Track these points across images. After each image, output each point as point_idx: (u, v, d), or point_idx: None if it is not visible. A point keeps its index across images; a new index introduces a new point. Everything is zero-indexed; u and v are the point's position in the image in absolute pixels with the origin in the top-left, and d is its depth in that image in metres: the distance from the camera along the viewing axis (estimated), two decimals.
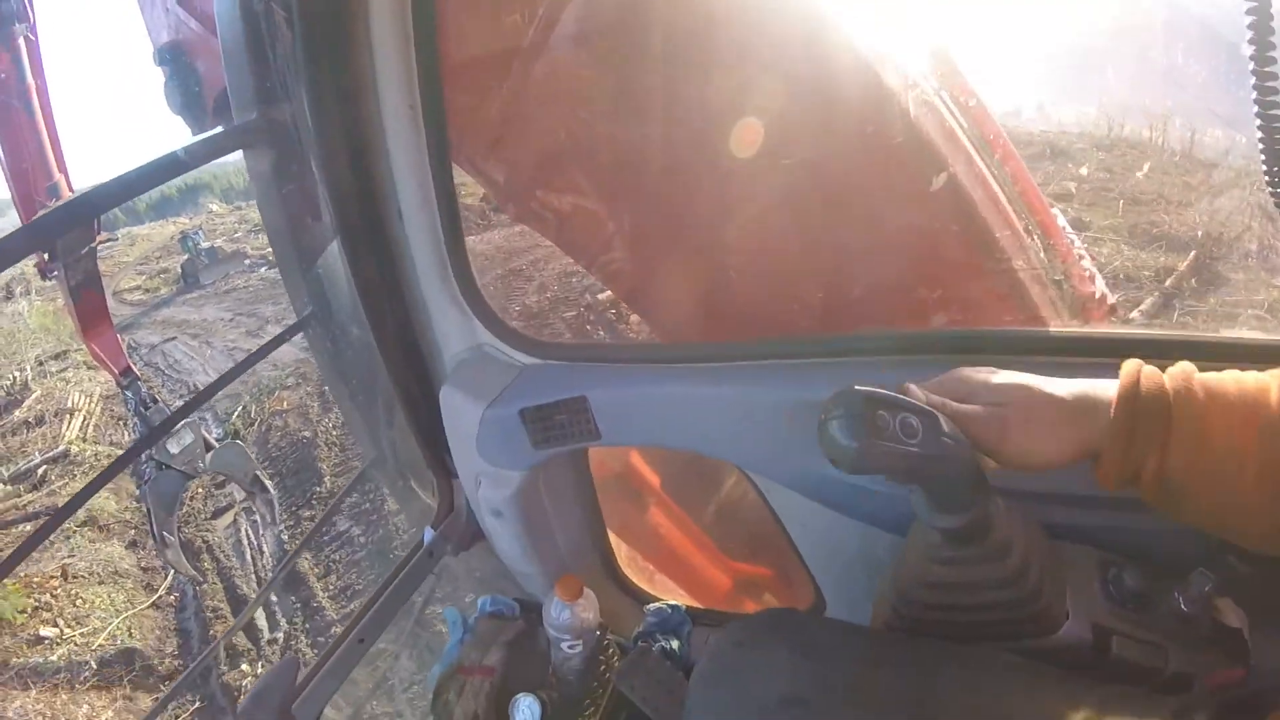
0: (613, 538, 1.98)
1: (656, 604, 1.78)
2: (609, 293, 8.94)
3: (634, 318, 8.40)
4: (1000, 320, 1.74)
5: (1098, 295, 1.79)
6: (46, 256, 3.86)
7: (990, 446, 0.84)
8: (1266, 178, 0.94)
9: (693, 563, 2.22)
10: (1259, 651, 0.96)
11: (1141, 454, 0.80)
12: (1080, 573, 1.05)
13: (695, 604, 1.86)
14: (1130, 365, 0.84)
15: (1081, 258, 1.82)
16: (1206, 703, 0.88)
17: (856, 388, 0.81)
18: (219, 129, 1.62)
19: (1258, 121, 0.92)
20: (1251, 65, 0.91)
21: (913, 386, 0.88)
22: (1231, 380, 0.82)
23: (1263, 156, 0.94)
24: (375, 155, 1.51)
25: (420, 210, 1.54)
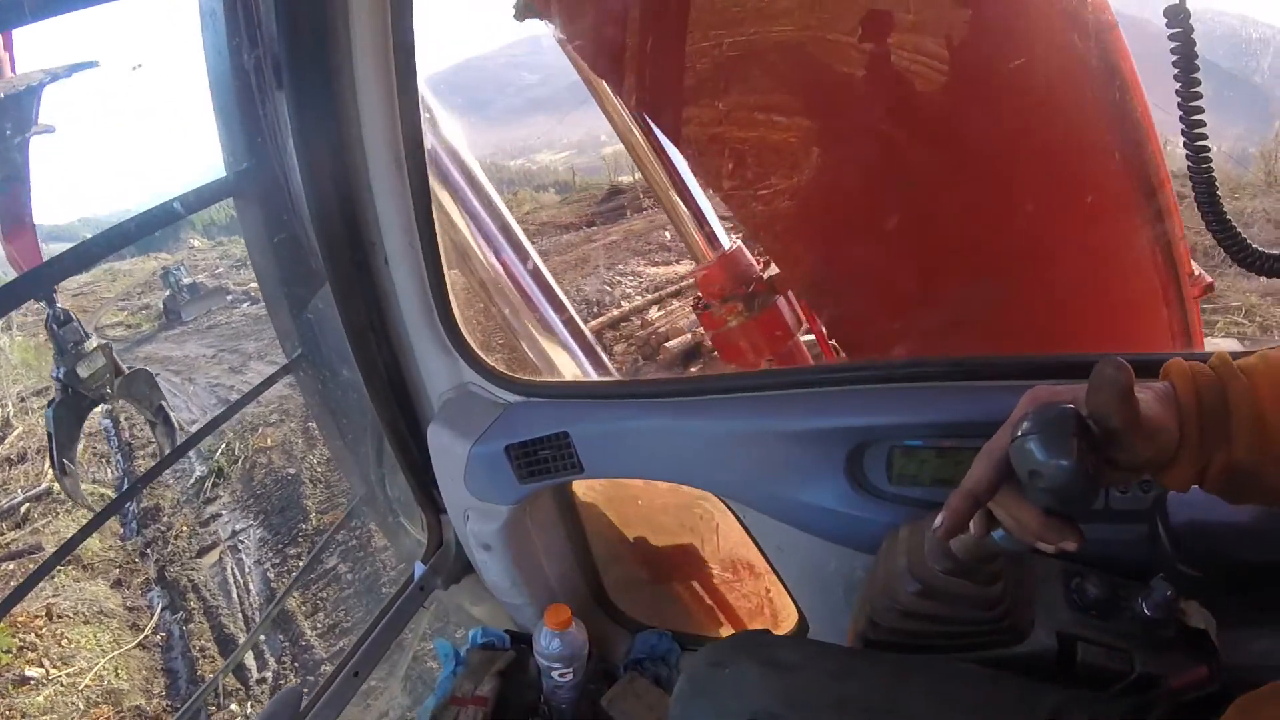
0: (600, 565, 2.02)
1: (645, 631, 1.83)
2: (590, 324, 8.95)
3: (617, 348, 8.41)
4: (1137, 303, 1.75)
5: (1195, 274, 1.79)
6: None
7: (1157, 429, 0.81)
8: (1199, 206, 1.01)
9: (681, 589, 2.26)
10: (1228, 650, 0.99)
11: (1211, 448, 0.81)
12: (1044, 583, 1.10)
13: (683, 630, 1.90)
14: (1177, 364, 0.85)
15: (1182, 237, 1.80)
16: (1164, 701, 0.92)
17: (1064, 405, 0.81)
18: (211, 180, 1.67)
19: (1186, 152, 0.98)
20: (1178, 100, 0.97)
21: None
22: (1264, 360, 0.83)
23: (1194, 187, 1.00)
24: (362, 204, 1.57)
25: (405, 256, 1.60)
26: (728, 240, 2.75)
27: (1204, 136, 0.97)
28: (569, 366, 2.23)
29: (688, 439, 1.46)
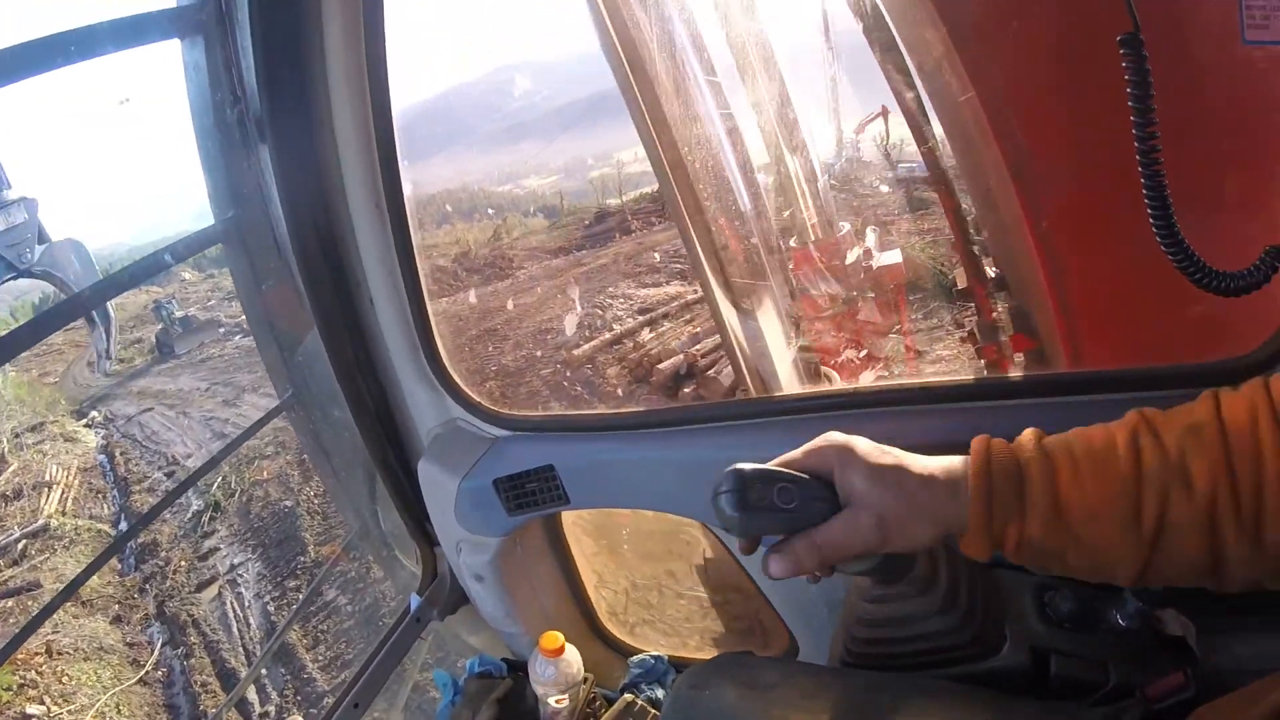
0: (593, 592, 2.05)
1: (640, 655, 1.85)
2: (580, 349, 8.96)
3: (610, 371, 8.44)
4: None
5: None
6: None
7: (872, 550, 0.88)
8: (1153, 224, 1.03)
9: (673, 613, 2.28)
10: (1209, 655, 1.01)
11: (1001, 526, 0.84)
12: (1017, 598, 1.12)
13: (677, 653, 1.92)
14: (979, 442, 0.89)
15: None
16: (1136, 709, 0.94)
17: (735, 466, 0.90)
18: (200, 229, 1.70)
19: (1141, 173, 1.00)
20: (1134, 122, 0.99)
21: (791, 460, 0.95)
22: (1078, 439, 0.86)
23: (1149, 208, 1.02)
24: (346, 249, 1.63)
25: (390, 298, 1.66)
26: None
27: (1159, 161, 0.99)
28: None
29: (670, 468, 1.50)
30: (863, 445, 0.91)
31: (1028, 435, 0.89)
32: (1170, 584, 0.86)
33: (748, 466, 0.90)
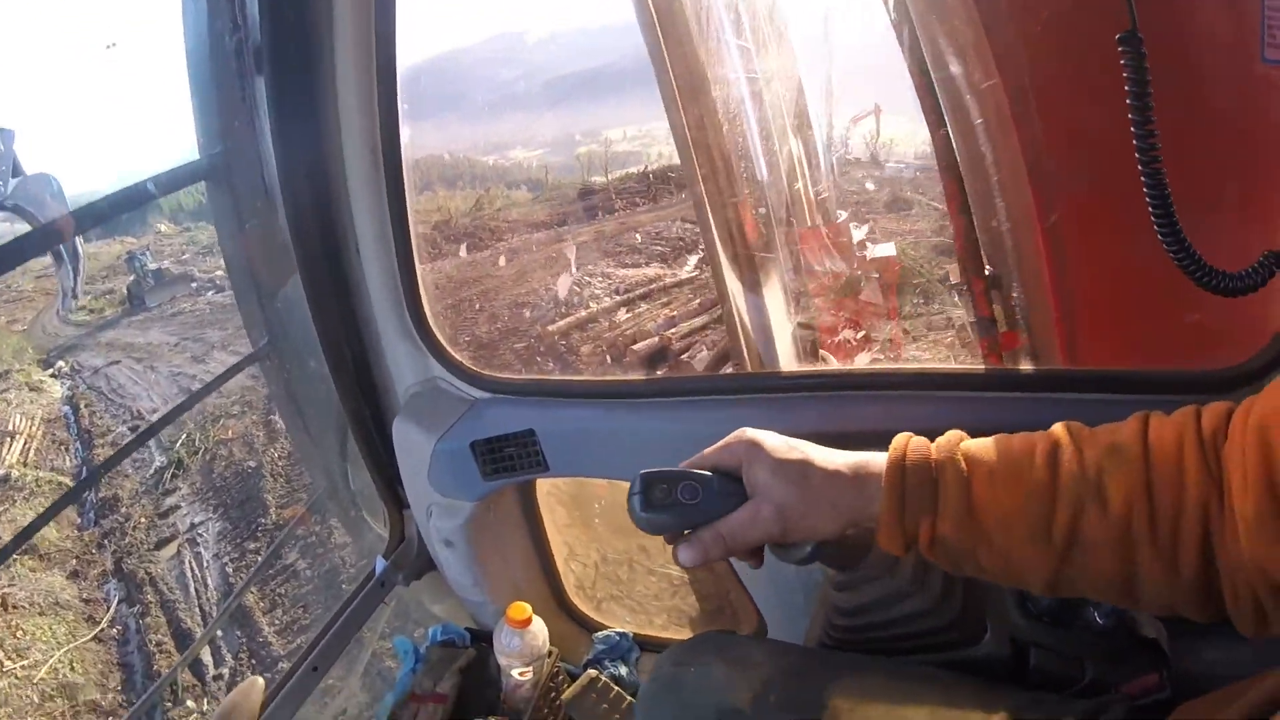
0: (562, 564, 2.02)
1: (605, 631, 1.84)
2: (554, 325, 8.91)
3: (584, 349, 8.40)
4: None
5: None
6: None
7: (775, 539, 0.92)
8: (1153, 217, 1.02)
9: (642, 590, 2.26)
10: (1180, 659, 1.03)
11: (913, 523, 0.87)
12: (997, 591, 1.12)
13: (643, 631, 1.91)
14: (899, 439, 0.91)
15: None
16: (1117, 705, 0.94)
17: (640, 472, 0.96)
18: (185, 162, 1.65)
19: (1141, 171, 0.99)
20: (1132, 120, 0.99)
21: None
22: (997, 445, 0.88)
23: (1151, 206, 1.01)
24: (336, 194, 1.58)
25: (377, 248, 1.61)
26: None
27: (1158, 159, 0.99)
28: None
29: (653, 440, 1.48)
30: (771, 441, 0.95)
31: (949, 436, 0.91)
32: (1087, 596, 0.90)
33: (654, 470, 0.96)
